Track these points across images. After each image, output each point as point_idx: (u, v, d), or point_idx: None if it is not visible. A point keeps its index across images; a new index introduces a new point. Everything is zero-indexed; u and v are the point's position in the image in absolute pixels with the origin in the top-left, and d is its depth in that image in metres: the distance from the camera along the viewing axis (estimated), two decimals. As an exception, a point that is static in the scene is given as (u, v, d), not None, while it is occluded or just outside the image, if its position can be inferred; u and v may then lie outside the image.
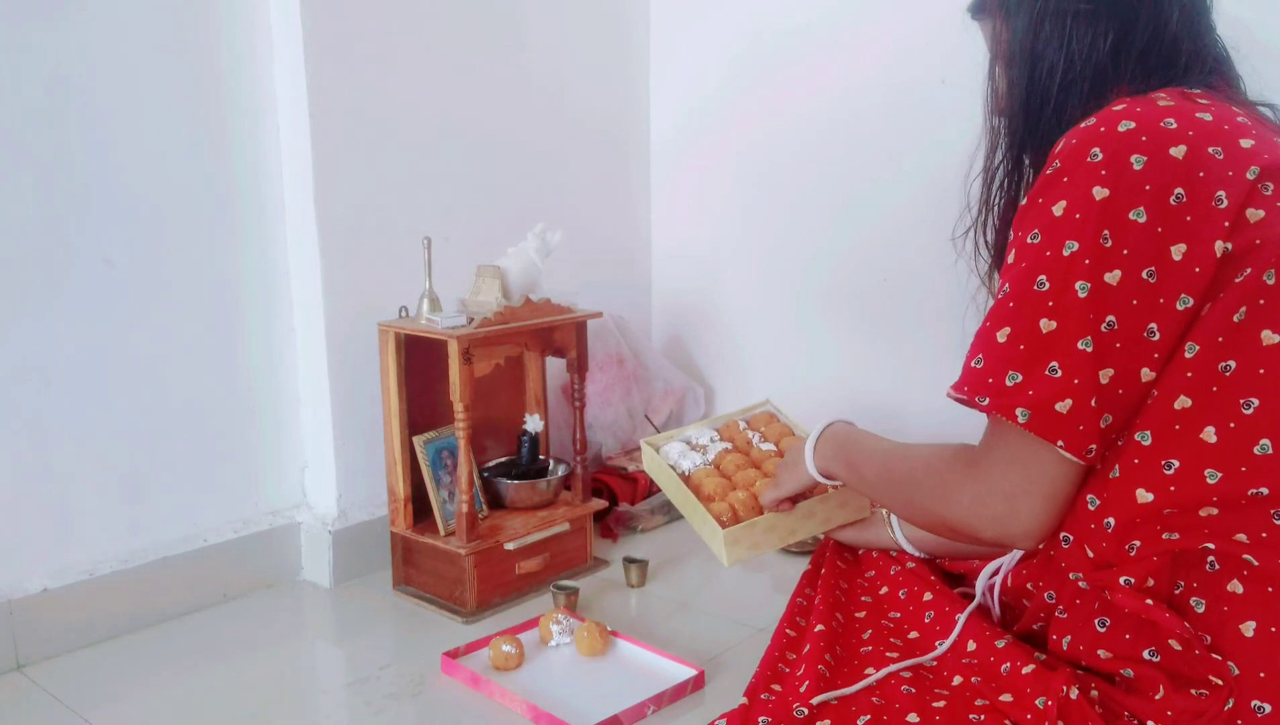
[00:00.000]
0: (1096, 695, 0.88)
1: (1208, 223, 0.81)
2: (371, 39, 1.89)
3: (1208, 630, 0.84)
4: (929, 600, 1.15)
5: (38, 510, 1.63)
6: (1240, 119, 0.87)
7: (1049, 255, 0.84)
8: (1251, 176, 0.82)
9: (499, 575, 1.80)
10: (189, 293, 1.77)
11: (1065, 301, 0.83)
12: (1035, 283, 0.85)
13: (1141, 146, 0.83)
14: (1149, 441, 0.85)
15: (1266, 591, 0.82)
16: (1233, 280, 0.82)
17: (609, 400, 2.26)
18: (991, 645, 1.00)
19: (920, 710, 0.94)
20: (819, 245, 2.25)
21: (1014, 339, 0.85)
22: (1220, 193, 0.81)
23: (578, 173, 2.36)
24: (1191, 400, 0.83)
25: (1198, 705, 0.81)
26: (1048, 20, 0.95)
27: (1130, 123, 0.84)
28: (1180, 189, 0.81)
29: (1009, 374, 0.85)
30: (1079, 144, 0.86)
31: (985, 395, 0.86)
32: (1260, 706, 0.81)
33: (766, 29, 2.26)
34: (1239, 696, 0.81)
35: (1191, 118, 0.85)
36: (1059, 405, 0.83)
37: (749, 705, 1.01)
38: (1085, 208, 0.83)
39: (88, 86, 1.62)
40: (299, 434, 1.96)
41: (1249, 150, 0.83)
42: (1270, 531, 0.82)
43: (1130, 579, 0.85)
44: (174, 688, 1.54)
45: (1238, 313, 0.82)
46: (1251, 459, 0.81)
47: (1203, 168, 0.82)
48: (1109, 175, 0.83)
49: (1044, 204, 0.86)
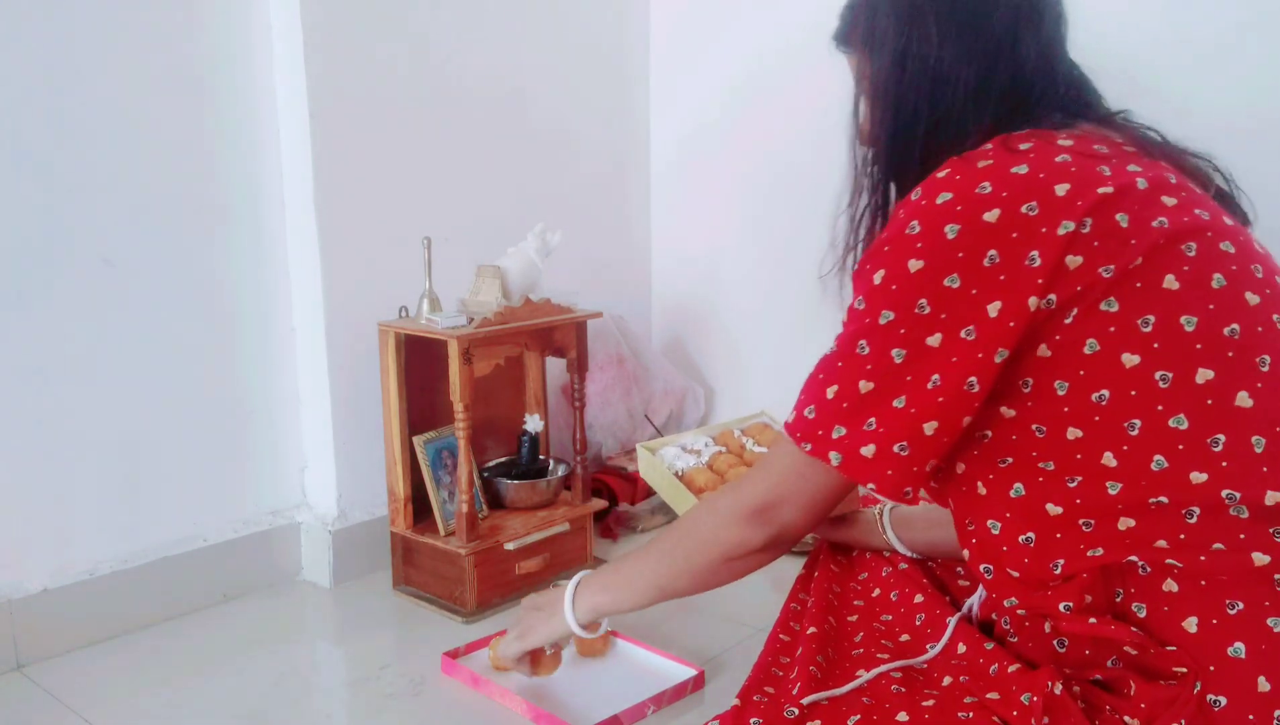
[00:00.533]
0: (1079, 691, 0.89)
1: (1020, 280, 0.85)
2: (371, 39, 1.89)
3: (1154, 631, 0.85)
4: (920, 603, 1.15)
5: (38, 510, 1.64)
6: (1060, 157, 0.89)
7: (868, 322, 0.91)
8: (1064, 232, 0.84)
9: (499, 575, 1.80)
10: (189, 293, 1.78)
11: (881, 366, 0.90)
12: (857, 347, 0.92)
13: (955, 216, 0.87)
14: (1053, 467, 0.88)
15: (1200, 586, 0.83)
16: (1062, 322, 0.85)
17: (609, 400, 2.26)
18: (981, 648, 1.01)
19: (910, 709, 0.94)
20: (818, 245, 2.24)
21: (839, 397, 0.92)
22: (1033, 252, 0.84)
23: (578, 173, 2.36)
24: (1081, 431, 0.86)
25: (1169, 694, 0.83)
26: (910, 60, 0.97)
27: (948, 194, 0.88)
28: (994, 250, 0.85)
29: (835, 427, 0.92)
30: (904, 216, 0.90)
31: (810, 442, 0.94)
32: (1216, 700, 0.81)
33: (767, 36, 2.26)
34: (1201, 683, 0.82)
35: (1006, 175, 0.87)
36: (864, 450, 0.90)
37: (741, 706, 1.02)
38: (901, 279, 0.89)
39: (87, 86, 1.62)
40: (299, 434, 1.96)
41: (1064, 198, 0.85)
42: (1187, 532, 0.83)
43: (1069, 604, 0.88)
44: (174, 688, 1.54)
45: (1087, 346, 0.85)
46: (1150, 475, 0.84)
47: (1016, 228, 0.85)
48: (924, 247, 0.88)
49: (869, 270, 0.92)
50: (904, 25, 0.98)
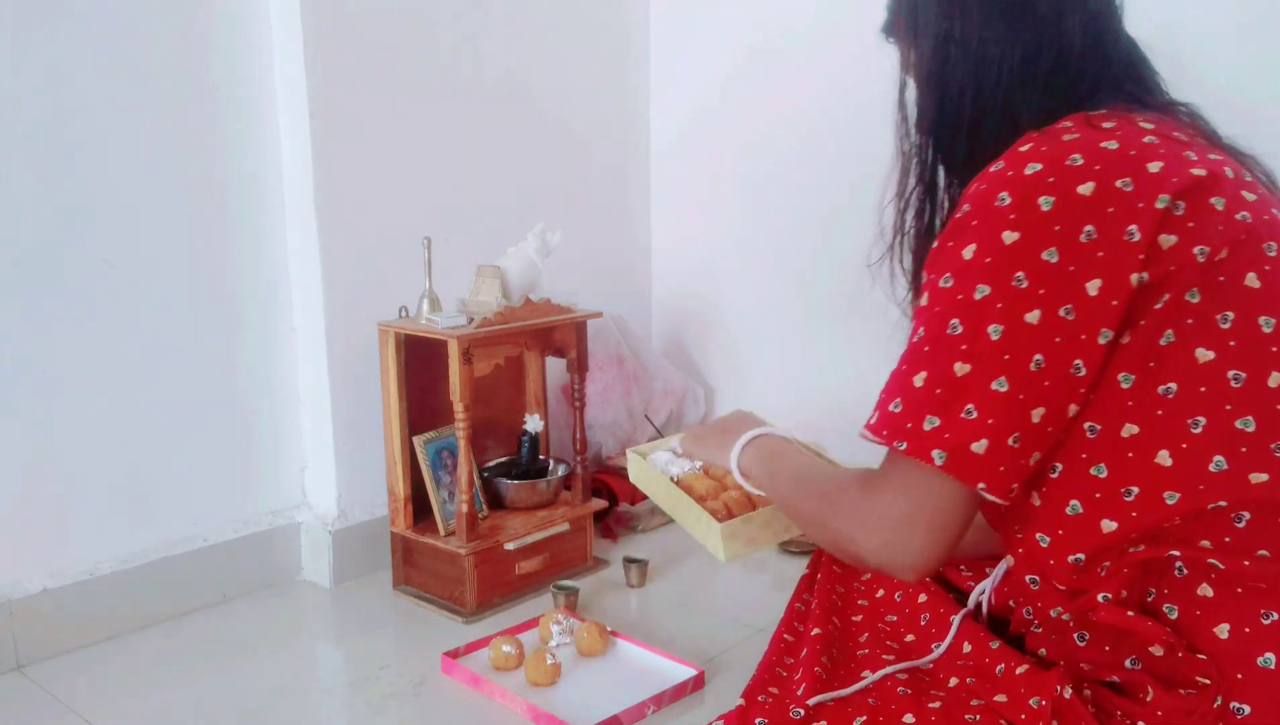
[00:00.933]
0: (1089, 695, 0.88)
1: (1121, 256, 0.81)
2: (371, 39, 1.89)
3: (1183, 634, 0.84)
4: (924, 603, 1.15)
5: (38, 510, 1.64)
6: (1147, 138, 0.86)
7: (960, 299, 0.85)
8: (1161, 206, 0.81)
9: (499, 575, 1.80)
10: (189, 292, 1.78)
11: (978, 345, 0.83)
12: (948, 326, 0.85)
13: (1049, 187, 0.83)
14: (1105, 473, 0.85)
15: (1236, 593, 0.82)
16: (1151, 307, 0.82)
17: (609, 400, 2.26)
18: (986, 647, 1.00)
19: (916, 711, 0.94)
20: (818, 245, 2.25)
21: (930, 383, 0.85)
22: (1132, 226, 0.81)
23: (578, 173, 2.36)
24: (1139, 427, 0.83)
25: (1187, 704, 0.82)
26: (953, 45, 0.95)
27: (1037, 164, 0.84)
28: (1091, 226, 0.82)
29: (927, 418, 0.85)
30: (988, 188, 0.86)
31: (903, 439, 0.86)
32: (1240, 708, 0.81)
33: (766, 32, 2.26)
34: (1223, 695, 0.81)
35: (1097, 149, 0.84)
36: (975, 446, 0.83)
37: (746, 706, 1.01)
38: (996, 252, 0.84)
39: (87, 86, 1.62)
40: (299, 434, 1.96)
41: (1157, 175, 0.83)
42: (1233, 536, 0.82)
43: (1108, 594, 0.86)
44: (174, 688, 1.54)
45: (1164, 337, 0.82)
46: (1208, 476, 0.82)
47: (1112, 202, 0.82)
48: (1018, 218, 0.83)
49: (954, 247, 0.87)
50: (946, 9, 0.96)
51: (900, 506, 0.88)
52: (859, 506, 0.93)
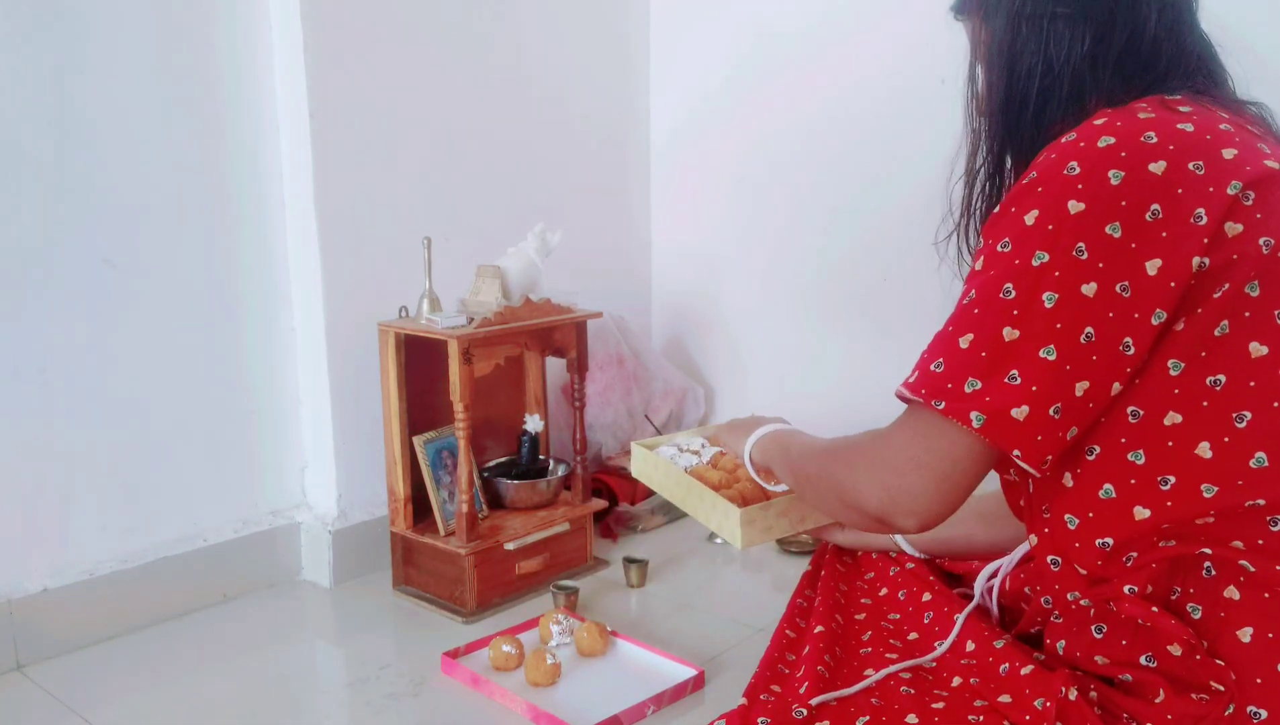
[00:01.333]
0: (1095, 696, 0.88)
1: (1185, 239, 0.80)
2: (371, 39, 1.89)
3: (1204, 636, 0.83)
4: (928, 601, 1.14)
5: (38, 510, 1.64)
6: (1223, 126, 0.86)
7: (1018, 263, 0.84)
8: (1233, 192, 0.81)
9: (499, 575, 1.80)
10: (189, 292, 1.77)
11: (1031, 311, 0.82)
12: (1001, 290, 0.84)
13: (1120, 162, 0.82)
14: (1143, 460, 0.84)
15: (1263, 598, 0.82)
16: (1210, 296, 0.81)
17: (609, 400, 2.26)
18: (990, 646, 1.00)
19: (919, 711, 0.93)
20: (819, 244, 2.25)
21: (976, 345, 0.85)
22: (1200, 210, 0.81)
23: (578, 172, 2.36)
24: (1182, 416, 0.82)
25: (1199, 710, 0.81)
26: (1024, 22, 0.94)
27: (1110, 138, 0.84)
28: (1157, 205, 0.81)
29: (969, 380, 0.84)
30: (1058, 157, 0.85)
31: (942, 399, 0.85)
32: (1256, 713, 0.80)
33: (766, 30, 2.26)
34: (1236, 703, 0.81)
35: (1173, 130, 0.84)
36: (1015, 411, 0.82)
37: (748, 705, 1.01)
38: (1059, 220, 0.82)
39: (88, 86, 1.62)
40: (299, 434, 1.96)
41: (1231, 162, 0.83)
42: (1267, 538, 0.81)
43: (1134, 587, 0.85)
44: (174, 688, 1.54)
45: (1219, 327, 0.81)
46: (1248, 472, 0.81)
47: (1181, 184, 0.81)
48: (1085, 189, 0.82)
49: (1016, 213, 0.86)
50: None
51: (911, 451, 0.88)
52: (866, 451, 0.93)
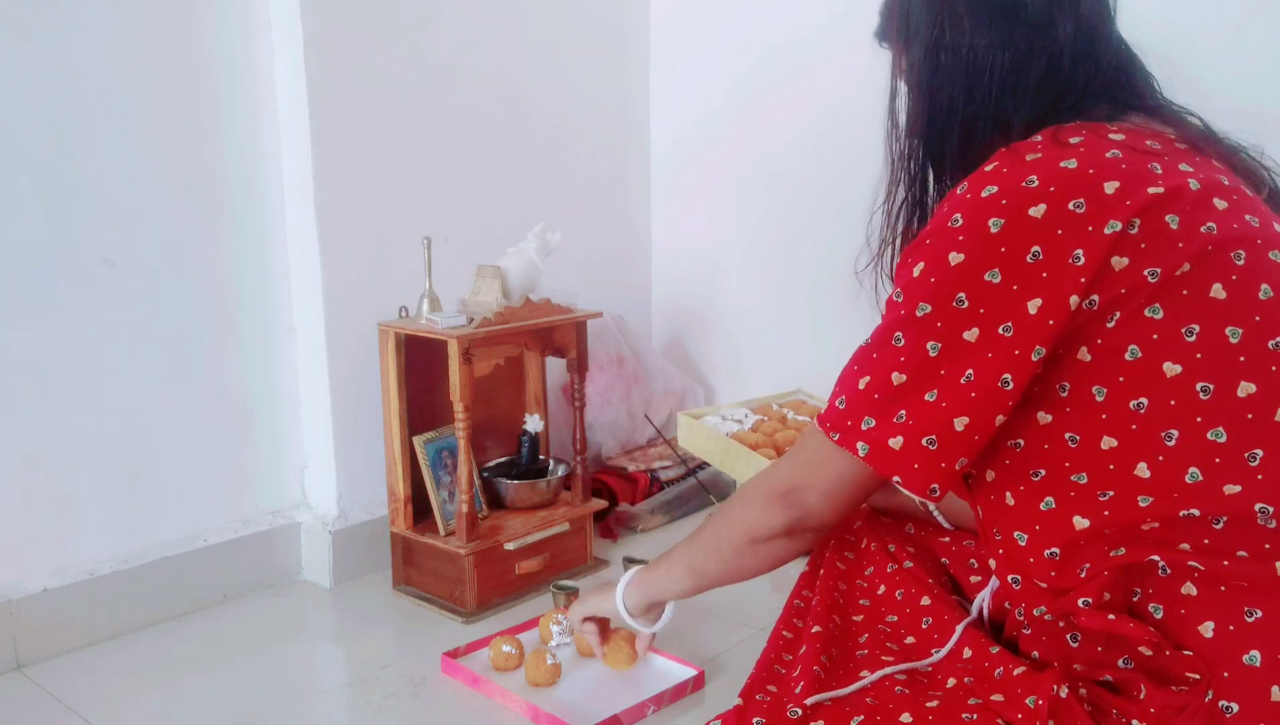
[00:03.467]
0: (1085, 694, 0.88)
1: (1063, 279, 0.83)
2: (372, 40, 1.89)
3: (1169, 634, 0.84)
4: (926, 605, 1.15)
5: (38, 510, 1.64)
6: (1110, 153, 0.87)
7: (903, 314, 0.89)
8: (1110, 231, 0.82)
9: (499, 575, 1.80)
10: (189, 293, 1.78)
11: (915, 359, 0.88)
12: (892, 339, 0.90)
13: (1000, 210, 0.85)
14: (1085, 480, 0.87)
15: (1219, 591, 0.83)
16: (1104, 325, 0.84)
17: (609, 400, 2.26)
18: (986, 651, 1.01)
19: (913, 710, 0.94)
20: (818, 244, 2.25)
21: (870, 388, 0.91)
22: (1079, 251, 0.83)
23: (578, 173, 2.36)
24: (1117, 440, 0.85)
25: (1179, 700, 0.82)
26: (943, 52, 0.95)
27: (993, 187, 0.86)
28: (1037, 247, 0.84)
29: (865, 418, 0.91)
30: (947, 210, 0.89)
31: (838, 432, 0.93)
32: (1228, 706, 0.81)
33: (766, 32, 2.26)
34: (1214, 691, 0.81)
35: (1055, 170, 0.85)
36: (891, 442, 0.89)
37: (744, 705, 1.01)
38: (940, 272, 0.87)
39: (87, 86, 1.62)
40: (299, 434, 1.96)
41: (1112, 197, 0.83)
42: (1212, 538, 0.83)
43: (1088, 599, 0.87)
44: (174, 688, 1.54)
45: (1128, 352, 0.83)
46: (1184, 487, 0.83)
47: (1061, 225, 0.83)
48: (965, 240, 0.86)
49: (910, 263, 0.90)
50: (936, 16, 0.96)
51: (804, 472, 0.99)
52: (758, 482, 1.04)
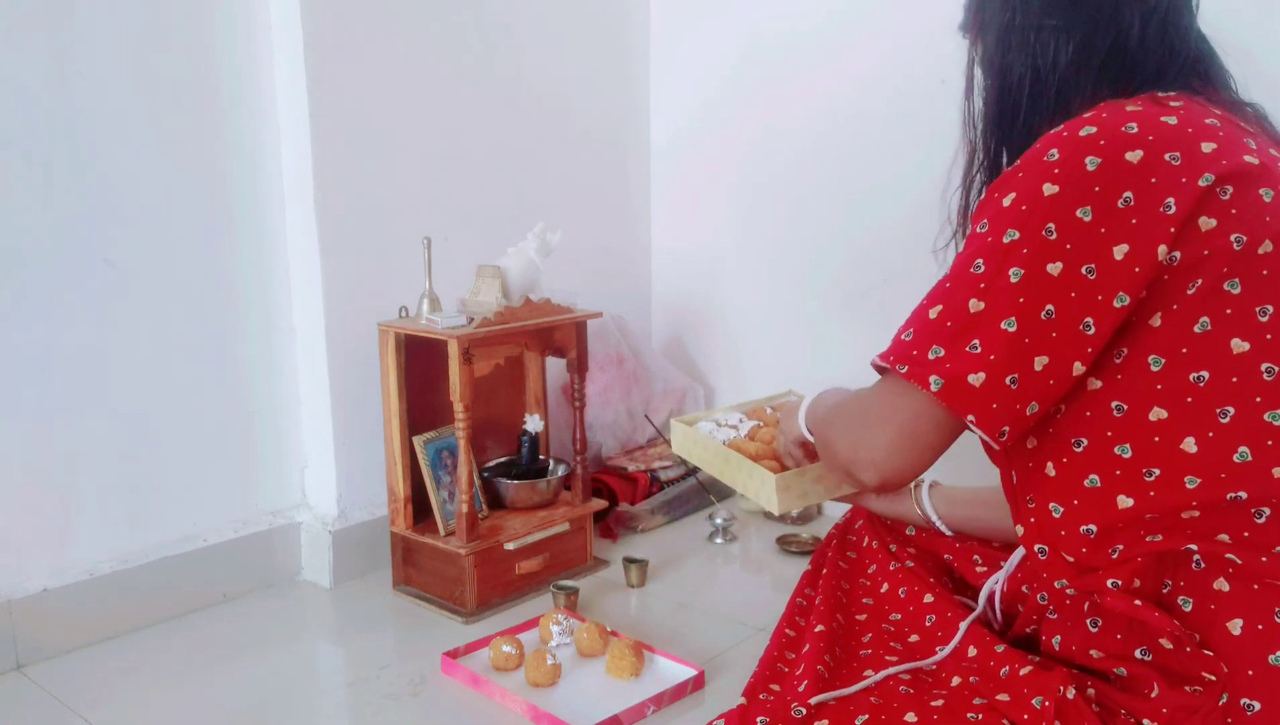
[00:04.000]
0: (1093, 694, 0.88)
1: (1153, 227, 0.83)
2: (372, 39, 1.89)
3: (1196, 628, 0.84)
4: (930, 603, 1.15)
5: (38, 510, 1.64)
6: (1209, 120, 0.88)
7: (990, 241, 0.88)
8: (1204, 183, 0.83)
9: (499, 575, 1.80)
10: (189, 292, 1.78)
11: (996, 285, 0.86)
12: (972, 266, 0.88)
13: (1098, 149, 0.85)
14: (1130, 454, 0.86)
15: (1252, 589, 0.83)
16: (1184, 291, 0.83)
17: (609, 400, 2.26)
18: (991, 650, 1.01)
19: (918, 710, 0.94)
20: (819, 244, 2.25)
21: (943, 316, 0.89)
22: (1170, 199, 0.83)
23: (578, 172, 2.36)
24: (1167, 412, 0.84)
25: (1192, 701, 0.82)
26: (1013, 35, 1.00)
27: (1092, 128, 0.87)
28: (1130, 192, 0.84)
29: (932, 348, 0.88)
30: (1041, 146, 0.89)
31: (905, 363, 0.89)
32: (1250, 704, 0.81)
33: (766, 30, 2.26)
34: (1229, 694, 0.81)
35: (1155, 122, 0.87)
36: (971, 377, 0.85)
37: (747, 705, 1.01)
38: (1032, 201, 0.86)
39: (88, 86, 1.62)
40: (299, 434, 1.96)
41: (1209, 155, 0.84)
42: (1252, 531, 0.83)
43: (1117, 581, 0.86)
44: (174, 688, 1.54)
45: (1198, 324, 0.83)
46: (1231, 466, 0.83)
47: (1155, 173, 0.84)
48: (1061, 173, 0.86)
49: (998, 197, 0.90)
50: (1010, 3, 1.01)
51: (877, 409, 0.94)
52: (842, 407, 1.01)
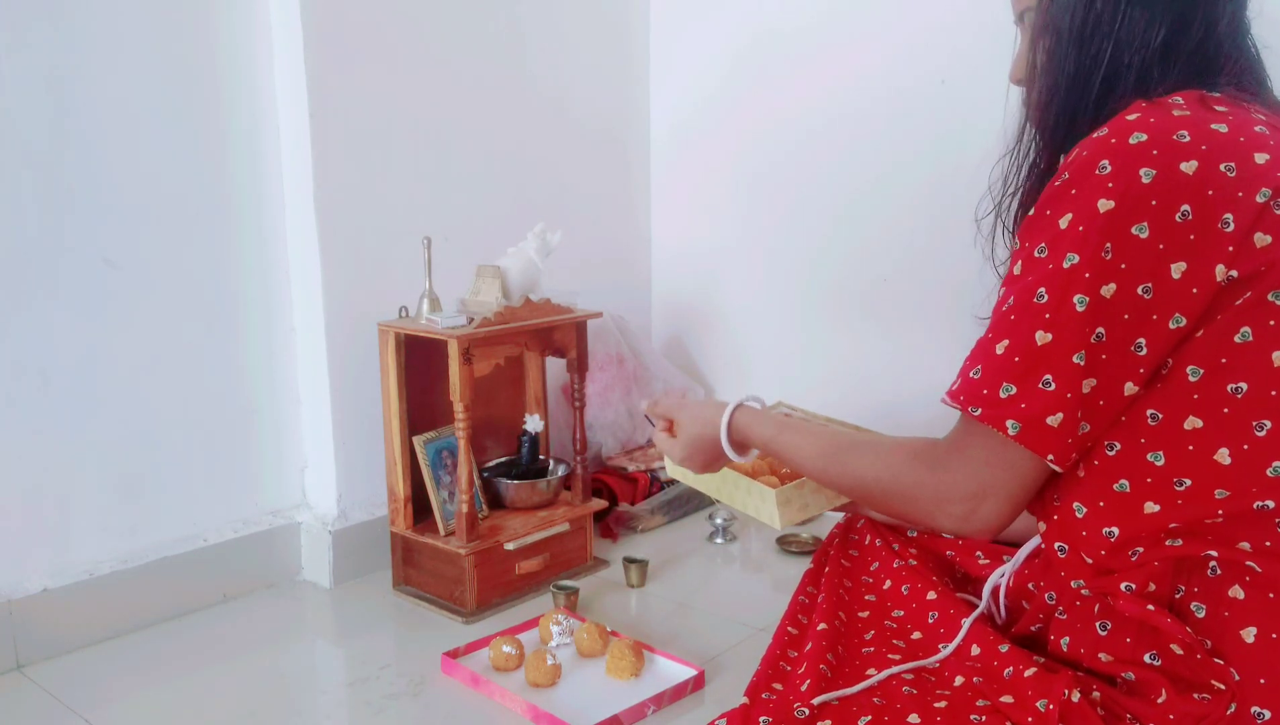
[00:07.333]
0: (1098, 698, 0.88)
1: (1211, 245, 0.80)
2: (372, 39, 1.89)
3: (1208, 635, 0.83)
4: (932, 600, 1.14)
5: (38, 510, 1.64)
6: (1258, 128, 0.85)
7: (1051, 268, 0.84)
8: (1262, 200, 0.80)
9: (499, 575, 1.80)
10: (189, 292, 1.77)
11: (1062, 315, 0.82)
12: (1035, 295, 0.84)
13: (1151, 160, 0.81)
14: (1163, 462, 0.84)
15: (1268, 598, 0.82)
16: (1232, 303, 0.81)
17: (609, 400, 2.26)
18: (995, 650, 1.00)
19: (921, 710, 0.93)
20: (819, 244, 2.25)
21: (1010, 351, 0.85)
22: (1228, 215, 0.80)
23: (578, 172, 2.36)
24: (1203, 422, 0.82)
25: (1200, 709, 0.81)
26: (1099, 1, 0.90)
27: (1142, 135, 0.82)
28: (1187, 206, 0.80)
29: (1004, 386, 0.85)
30: (1089, 156, 0.84)
31: (979, 406, 0.86)
32: (1260, 713, 0.80)
33: (766, 29, 2.26)
34: (1239, 702, 0.81)
35: (1206, 130, 0.83)
36: (1050, 419, 0.83)
37: (750, 704, 1.01)
38: (1089, 220, 0.82)
39: (87, 86, 1.62)
40: (299, 434, 1.96)
41: (1262, 167, 0.81)
42: (1274, 540, 0.82)
43: (1131, 584, 0.85)
44: (174, 688, 1.54)
45: (1239, 334, 0.81)
46: (1264, 480, 0.81)
47: (1212, 186, 0.80)
48: (1115, 187, 0.81)
49: (1051, 216, 0.85)
50: None
51: (976, 482, 0.89)
52: (929, 484, 0.93)
